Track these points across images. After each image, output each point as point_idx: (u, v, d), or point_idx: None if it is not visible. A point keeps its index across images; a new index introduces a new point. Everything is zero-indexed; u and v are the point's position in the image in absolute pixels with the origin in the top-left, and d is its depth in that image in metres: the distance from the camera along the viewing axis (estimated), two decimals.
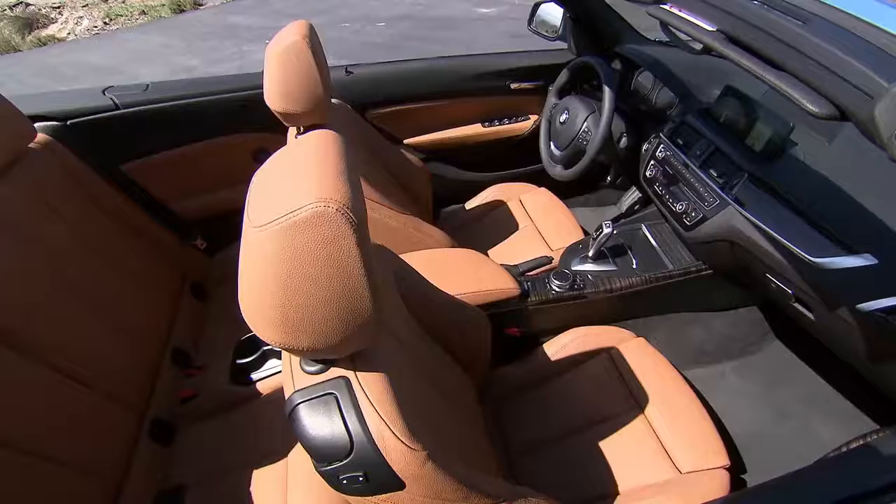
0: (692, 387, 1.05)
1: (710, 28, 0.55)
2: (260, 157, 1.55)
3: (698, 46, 0.76)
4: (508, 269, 1.28)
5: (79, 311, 1.05)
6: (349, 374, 0.54)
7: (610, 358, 1.12)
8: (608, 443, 0.99)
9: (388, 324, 0.65)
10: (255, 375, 1.16)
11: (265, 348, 1.17)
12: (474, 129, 1.74)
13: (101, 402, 1.01)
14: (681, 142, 1.24)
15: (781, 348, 1.39)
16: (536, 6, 1.72)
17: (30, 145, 1.12)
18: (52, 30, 6.03)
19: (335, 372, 0.55)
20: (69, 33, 6.02)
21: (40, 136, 1.16)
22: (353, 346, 0.52)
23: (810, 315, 0.98)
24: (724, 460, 0.93)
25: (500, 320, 1.18)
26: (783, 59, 0.47)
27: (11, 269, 0.96)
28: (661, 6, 0.61)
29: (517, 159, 1.82)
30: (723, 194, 1.07)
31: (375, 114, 1.58)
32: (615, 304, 1.32)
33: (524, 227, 1.56)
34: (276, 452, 1.00)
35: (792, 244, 0.88)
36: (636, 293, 1.31)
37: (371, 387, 0.54)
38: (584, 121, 1.38)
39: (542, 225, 1.55)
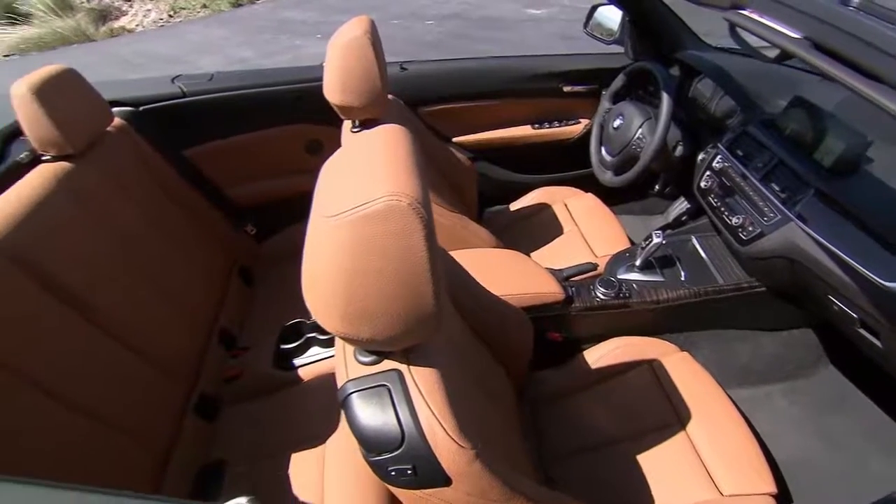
0: (736, 407, 1.01)
1: (794, 35, 0.53)
2: (312, 148, 1.60)
3: (772, 54, 0.73)
4: (552, 273, 1.27)
5: (140, 286, 1.12)
6: (402, 367, 0.55)
7: (652, 370, 1.09)
8: (646, 457, 0.97)
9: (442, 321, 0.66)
10: (297, 361, 1.19)
11: (308, 335, 1.20)
12: (524, 131, 1.73)
13: (154, 373, 1.06)
14: (741, 153, 1.19)
15: (836, 374, 1.32)
16: (594, 8, 1.69)
17: (107, 129, 1.20)
18: (122, 21, 6.40)
19: (388, 364, 0.56)
20: (138, 25, 6.38)
21: (116, 121, 1.24)
22: (410, 341, 0.53)
23: (877, 342, 0.92)
24: (770, 486, 0.89)
25: (542, 324, 1.17)
26: (881, 69, 0.44)
27: (83, 238, 1.03)
28: (739, 11, 0.59)
29: (565, 163, 1.80)
30: (785, 209, 1.03)
31: (427, 111, 1.60)
32: (660, 315, 1.29)
33: (569, 232, 1.54)
34: (314, 438, 1.03)
35: (862, 266, 0.83)
36: (683, 306, 1.27)
37: (423, 382, 0.54)
38: (639, 127, 1.35)
39: (587, 231, 1.53)
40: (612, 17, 1.64)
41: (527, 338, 0.97)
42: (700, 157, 1.38)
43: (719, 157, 1.25)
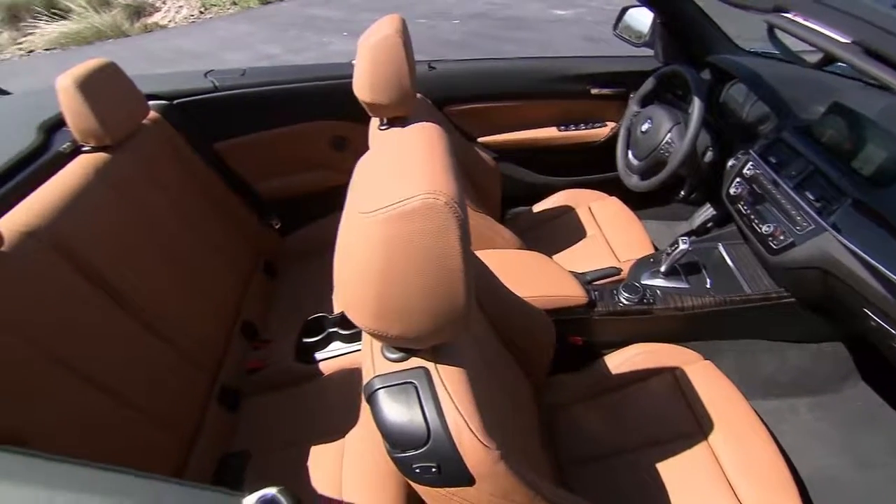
0: (760, 419, 0.99)
1: (843, 39, 0.51)
2: (338, 144, 1.62)
3: (813, 59, 0.71)
4: (575, 276, 1.26)
5: (168, 275, 1.15)
6: (429, 365, 0.55)
7: (674, 378, 1.08)
8: (666, 465, 0.95)
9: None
10: (318, 355, 1.21)
11: (330, 330, 1.21)
12: (549, 133, 1.72)
13: (179, 361, 1.09)
14: (773, 160, 1.17)
15: (866, 391, 1.28)
16: (624, 10, 1.67)
17: (143, 121, 1.24)
18: (155, 17, 6.58)
19: (415, 362, 0.56)
20: (170, 21, 6.54)
21: (151, 114, 1.27)
22: (439, 339, 0.53)
23: None
24: (794, 502, 0.87)
25: (563, 327, 1.17)
26: None
27: (118, 227, 1.06)
28: (782, 14, 0.57)
29: (589, 166, 1.78)
30: (819, 219, 1.00)
31: (453, 110, 1.60)
32: (683, 322, 1.27)
33: (592, 236, 1.53)
34: (334, 432, 1.04)
35: None
36: (707, 314, 1.25)
37: (450, 380, 0.54)
38: (668, 132, 1.33)
39: (610, 235, 1.51)
40: (642, 19, 1.62)
41: (549, 341, 0.96)
42: (730, 163, 1.35)
43: (750, 163, 1.23)
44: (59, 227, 0.93)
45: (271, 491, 0.45)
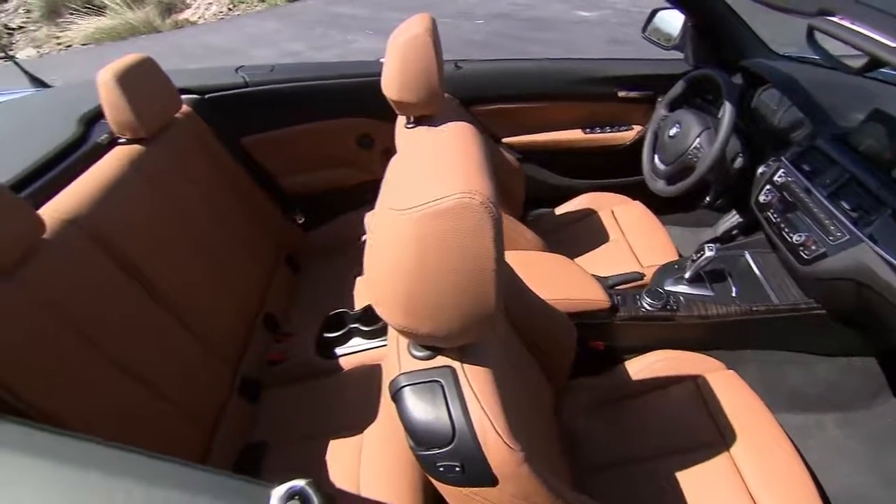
0: (785, 433, 0.97)
1: (892, 44, 0.49)
2: (363, 142, 1.63)
3: (856, 64, 0.69)
4: (597, 280, 1.25)
5: (196, 267, 1.17)
6: (456, 364, 0.55)
7: (696, 386, 1.06)
8: (686, 475, 0.94)
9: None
10: (339, 350, 1.22)
11: (351, 326, 1.22)
12: (574, 135, 1.71)
13: (205, 353, 1.11)
14: (807, 168, 1.14)
15: None
16: (654, 13, 1.65)
17: (176, 115, 1.27)
18: (186, 14, 6.73)
19: (442, 360, 0.56)
20: (199, 17, 6.69)
21: (183, 107, 1.30)
22: (467, 338, 0.53)
23: None
24: None
25: (585, 331, 1.16)
26: None
27: (150, 218, 1.09)
28: (828, 17, 0.56)
29: (614, 169, 1.76)
30: (855, 229, 0.97)
31: (478, 110, 1.60)
32: (707, 331, 1.24)
33: (614, 240, 1.51)
34: (352, 427, 1.05)
35: None
36: (732, 323, 1.22)
37: (476, 380, 0.54)
38: (697, 137, 1.31)
39: (633, 239, 1.50)
40: (672, 21, 1.60)
41: (571, 344, 0.96)
42: (760, 170, 1.32)
43: (782, 170, 1.20)
44: (97, 216, 0.96)
45: (300, 483, 0.45)
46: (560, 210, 1.67)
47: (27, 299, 0.79)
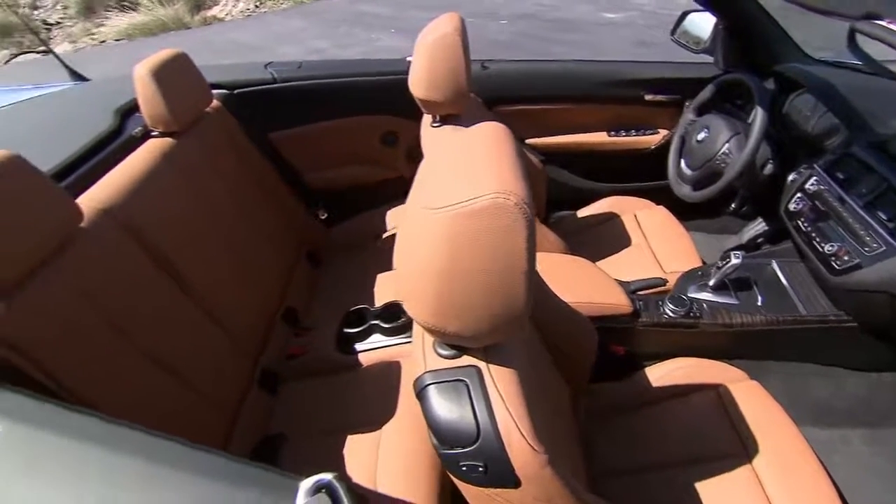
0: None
1: None
2: (388, 139, 1.64)
3: None
4: (619, 284, 1.23)
5: (222, 259, 1.19)
6: (481, 364, 0.55)
7: (718, 395, 1.04)
8: (705, 485, 0.92)
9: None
10: (358, 346, 1.23)
11: (371, 322, 1.23)
12: (599, 137, 1.69)
13: (227, 343, 1.13)
14: (841, 176, 1.11)
15: None
16: (684, 15, 1.62)
17: (206, 109, 1.29)
18: (214, 11, 6.87)
19: (467, 360, 0.56)
20: (227, 14, 6.82)
21: (214, 102, 1.33)
22: (494, 338, 0.53)
23: None
24: None
25: (605, 335, 1.15)
26: None
27: (180, 210, 1.11)
28: (874, 21, 0.54)
29: (638, 173, 1.74)
30: (892, 240, 0.94)
31: (502, 110, 1.60)
32: (730, 339, 1.22)
33: (636, 244, 1.49)
34: (370, 423, 1.06)
35: None
36: (757, 333, 1.20)
37: (501, 381, 0.54)
38: (726, 142, 1.29)
39: (656, 244, 1.48)
40: (702, 25, 1.57)
41: (592, 347, 0.95)
42: (791, 177, 1.29)
43: (814, 178, 1.17)
44: (131, 207, 0.99)
45: (327, 476, 0.45)
46: (582, 213, 1.66)
47: (65, 288, 0.82)
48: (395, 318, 1.21)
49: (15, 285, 0.76)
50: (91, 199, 0.94)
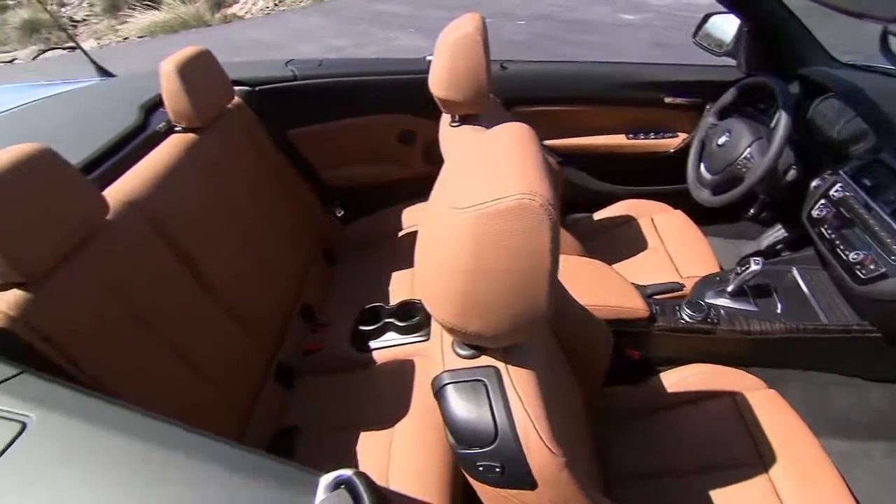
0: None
1: None
2: (405, 138, 1.65)
3: None
4: (636, 288, 1.22)
5: (240, 254, 1.21)
6: (500, 365, 0.55)
7: (734, 403, 1.02)
8: (720, 493, 0.91)
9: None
10: (373, 344, 1.23)
11: (386, 320, 1.24)
12: (617, 140, 1.68)
13: (246, 339, 1.14)
14: (868, 182, 1.08)
15: None
16: (707, 17, 1.60)
17: (227, 106, 1.31)
18: (234, 9, 6.98)
19: (486, 360, 0.56)
20: (246, 13, 6.92)
21: (235, 99, 1.35)
22: (514, 339, 0.53)
23: None
24: None
25: (621, 339, 1.14)
26: None
27: (201, 205, 1.13)
28: None
29: (656, 176, 1.72)
30: None
31: (520, 111, 1.59)
32: (747, 346, 1.20)
33: (653, 248, 1.48)
34: (383, 420, 1.06)
35: None
36: (776, 341, 1.18)
37: (520, 382, 0.54)
38: (748, 146, 1.27)
39: (673, 249, 1.46)
40: (725, 27, 1.55)
41: (607, 351, 0.94)
42: (814, 183, 1.27)
43: (839, 184, 1.15)
44: (154, 201, 1.00)
45: (347, 472, 0.46)
46: (598, 215, 1.64)
47: (91, 279, 0.84)
48: (410, 317, 1.21)
49: (45, 275, 0.78)
50: (117, 193, 0.96)
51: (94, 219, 0.87)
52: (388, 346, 1.22)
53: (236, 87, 1.40)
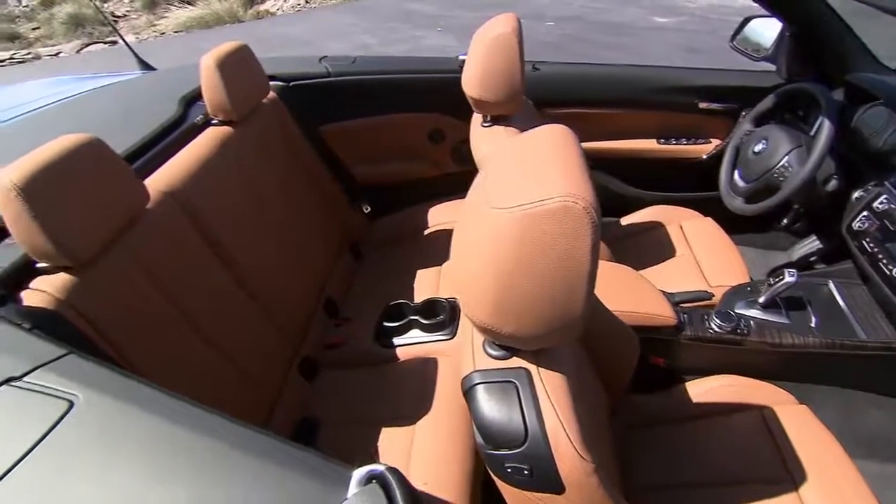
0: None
1: None
2: (435, 137, 1.66)
3: None
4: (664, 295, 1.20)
5: (269, 246, 1.23)
6: (531, 367, 0.55)
7: (762, 417, 1.00)
8: None
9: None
10: (397, 340, 1.24)
11: (411, 318, 1.24)
12: (648, 144, 1.65)
13: (274, 330, 1.17)
14: None
15: None
16: (746, 21, 1.56)
17: (262, 101, 1.34)
18: (267, 5, 7.12)
19: (517, 362, 0.56)
20: (278, 9, 7.05)
21: (270, 94, 1.37)
22: (548, 342, 0.52)
23: None
24: None
25: (647, 347, 1.12)
26: None
27: (234, 197, 1.16)
28: None
29: (686, 183, 1.69)
30: None
31: (551, 113, 1.58)
32: (778, 360, 1.17)
33: (681, 256, 1.45)
34: (405, 417, 1.07)
35: None
36: (809, 355, 1.14)
37: (551, 385, 0.54)
38: (786, 154, 1.23)
39: (702, 257, 1.43)
40: (763, 32, 1.51)
41: (634, 358, 0.93)
42: (856, 194, 1.22)
43: (884, 196, 1.11)
44: (191, 193, 1.03)
45: (380, 467, 0.46)
46: (626, 220, 1.62)
47: (132, 265, 0.87)
48: (435, 315, 1.22)
49: (90, 260, 0.81)
50: (156, 183, 1.00)
51: (137, 207, 0.90)
52: (411, 344, 1.22)
53: (271, 83, 1.43)
